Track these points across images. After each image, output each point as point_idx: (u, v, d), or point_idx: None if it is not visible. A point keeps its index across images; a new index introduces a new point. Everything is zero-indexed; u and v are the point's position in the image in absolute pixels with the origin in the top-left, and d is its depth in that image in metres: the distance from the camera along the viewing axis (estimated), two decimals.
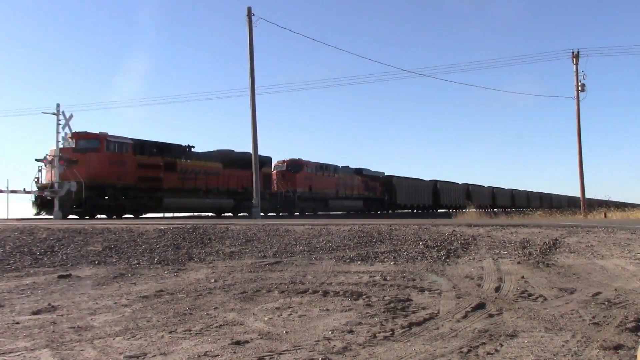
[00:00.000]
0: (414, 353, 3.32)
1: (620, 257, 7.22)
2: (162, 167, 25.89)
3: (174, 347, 3.55)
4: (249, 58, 23.56)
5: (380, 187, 43.14)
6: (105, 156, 23.22)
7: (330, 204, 36.13)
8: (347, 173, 39.63)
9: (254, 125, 23.82)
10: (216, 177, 28.71)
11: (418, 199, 47.30)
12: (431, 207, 49.48)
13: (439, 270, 6.61)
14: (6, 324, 4.34)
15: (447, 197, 51.83)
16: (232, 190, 29.36)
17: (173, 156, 26.68)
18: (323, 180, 36.21)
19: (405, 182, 45.91)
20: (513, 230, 10.07)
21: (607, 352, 3.28)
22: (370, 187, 41.91)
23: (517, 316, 4.25)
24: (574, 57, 28.16)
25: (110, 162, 23.33)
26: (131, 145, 24.64)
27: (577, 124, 28.02)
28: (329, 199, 36.05)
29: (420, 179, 49.48)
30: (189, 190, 27.13)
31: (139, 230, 11.30)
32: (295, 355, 3.31)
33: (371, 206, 41.85)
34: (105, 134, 23.61)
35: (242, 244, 9.51)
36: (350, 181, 39.41)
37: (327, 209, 36.07)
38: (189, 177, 27.15)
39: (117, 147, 23.92)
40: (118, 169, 23.57)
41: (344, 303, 4.87)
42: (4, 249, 9.46)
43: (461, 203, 52.74)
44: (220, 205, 29.38)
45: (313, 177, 35.21)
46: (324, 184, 36.20)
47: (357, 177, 40.46)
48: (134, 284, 6.31)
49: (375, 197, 42.38)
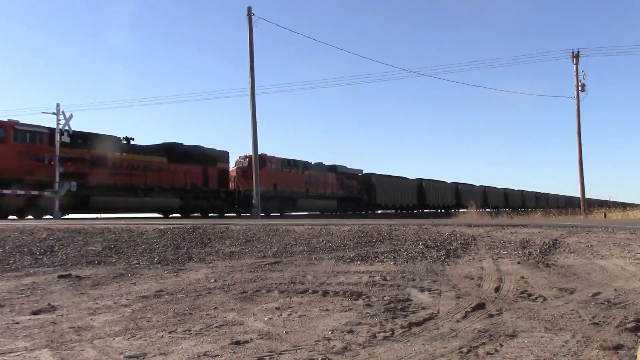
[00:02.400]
0: (414, 353, 3.32)
1: (620, 257, 7.22)
2: (89, 161, 22.88)
3: (173, 347, 3.55)
4: (249, 58, 23.58)
5: (357, 186, 40.46)
6: (12, 147, 20.33)
7: (298, 203, 33.25)
8: (320, 170, 36.81)
9: (254, 125, 23.83)
10: (159, 174, 25.50)
11: (401, 198, 44.86)
12: (416, 207, 47.20)
13: (438, 270, 6.61)
14: (6, 324, 4.34)
15: (434, 196, 49.71)
16: (178, 188, 26.34)
17: (104, 149, 23.47)
18: (291, 177, 33.33)
19: (387, 181, 43.37)
20: (513, 230, 10.07)
21: (607, 352, 3.27)
22: (347, 186, 39.20)
23: (517, 316, 4.25)
24: (574, 57, 28.19)
25: (19, 154, 20.49)
26: (47, 135, 21.72)
27: (577, 124, 28.06)
28: (297, 198, 33.25)
29: (403, 177, 47.05)
30: (123, 187, 23.97)
31: (139, 230, 11.30)
32: (295, 355, 3.30)
33: (347, 206, 39.09)
34: (15, 121, 21.07)
35: (242, 244, 9.51)
36: (323, 179, 36.62)
37: (295, 209, 33.34)
38: (124, 173, 24.05)
39: (29, 137, 21.09)
40: (29, 162, 20.75)
41: (344, 303, 4.87)
42: (3, 249, 9.46)
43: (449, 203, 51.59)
44: (163, 204, 26.27)
45: (278, 174, 32.27)
46: (292, 181, 33.31)
47: (331, 174, 37.80)
48: (133, 284, 6.31)
49: (352, 196, 39.67)
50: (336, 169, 38.48)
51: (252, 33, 23.44)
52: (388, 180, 43.61)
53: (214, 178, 28.56)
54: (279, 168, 32.55)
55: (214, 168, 28.61)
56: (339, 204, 38.13)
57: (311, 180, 35.38)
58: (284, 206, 32.46)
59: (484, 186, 60.10)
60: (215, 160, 28.65)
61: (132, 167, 24.54)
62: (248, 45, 23.48)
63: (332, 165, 38.45)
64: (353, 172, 40.42)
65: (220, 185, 28.74)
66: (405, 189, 45.83)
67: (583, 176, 28.18)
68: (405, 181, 46.57)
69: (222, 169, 29.44)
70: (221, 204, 28.67)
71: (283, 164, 33.11)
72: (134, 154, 24.88)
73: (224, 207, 28.99)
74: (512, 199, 64.56)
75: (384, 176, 43.46)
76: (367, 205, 41.17)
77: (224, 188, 29.21)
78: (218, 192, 28.54)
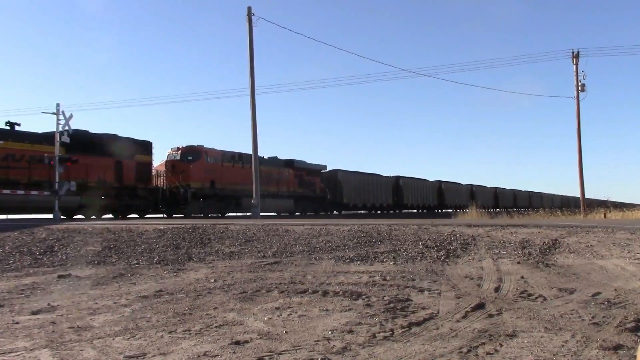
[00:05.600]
0: (414, 353, 3.32)
1: (619, 257, 7.22)
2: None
3: (173, 347, 3.55)
4: (249, 58, 23.57)
5: (320, 184, 35.75)
6: None
7: (244, 203, 27.66)
8: (272, 165, 31.67)
9: (254, 125, 23.81)
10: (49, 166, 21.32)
11: (373, 197, 40.42)
12: (391, 207, 42.85)
13: (438, 271, 6.61)
14: (6, 323, 4.34)
15: (413, 195, 45.16)
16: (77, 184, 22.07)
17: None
18: (234, 173, 28.45)
19: (356, 178, 38.89)
20: (512, 230, 10.07)
21: (607, 352, 3.28)
22: (306, 183, 34.33)
23: (516, 316, 4.25)
24: (574, 57, 28.17)
25: None
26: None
27: (577, 124, 28.05)
28: (242, 197, 27.95)
29: (377, 174, 42.55)
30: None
31: (139, 230, 11.30)
32: (294, 355, 3.30)
33: (306, 206, 33.98)
34: None
35: (241, 244, 9.51)
36: (276, 175, 31.60)
37: (239, 209, 28.61)
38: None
39: None
40: None
41: (344, 303, 4.87)
42: (3, 249, 9.46)
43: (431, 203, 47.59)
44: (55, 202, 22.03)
45: (217, 169, 27.71)
46: (236, 177, 28.36)
47: (287, 170, 32.99)
48: (133, 284, 6.31)
49: (314, 195, 34.89)
50: (293, 164, 33.64)
51: (252, 33, 23.47)
52: (358, 177, 39.35)
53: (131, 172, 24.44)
54: (218, 161, 27.94)
55: (130, 161, 24.41)
56: (297, 204, 33.25)
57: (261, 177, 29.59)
58: (225, 206, 28.25)
59: (471, 185, 55.67)
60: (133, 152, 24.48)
61: (12, 158, 20.52)
62: (248, 45, 23.51)
63: (289, 160, 33.77)
64: (315, 168, 35.84)
65: (138, 181, 24.53)
66: (379, 188, 41.49)
67: (583, 176, 28.21)
68: (379, 179, 42.17)
69: (142, 162, 25.09)
70: (139, 202, 24.58)
71: (224, 158, 28.55)
72: (14, 142, 20.78)
73: (143, 206, 24.92)
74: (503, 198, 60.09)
75: (353, 173, 39.31)
76: (332, 205, 36.82)
77: (142, 184, 24.84)
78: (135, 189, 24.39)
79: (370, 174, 41.58)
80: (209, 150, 27.76)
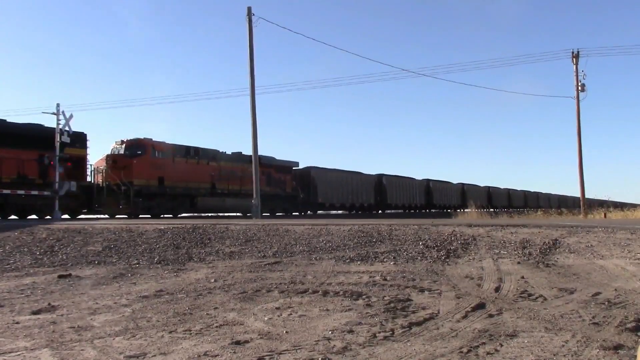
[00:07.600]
0: (414, 353, 3.32)
1: (620, 257, 7.22)
2: None
3: (173, 347, 3.55)
4: (249, 58, 23.56)
5: (292, 182, 32.79)
6: None
7: (199, 202, 25.93)
8: (235, 161, 28.76)
9: (254, 125, 23.83)
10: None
11: (353, 197, 37.85)
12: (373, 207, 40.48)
13: (438, 270, 6.61)
14: (6, 323, 4.35)
15: (397, 195, 42.65)
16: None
17: None
18: (188, 169, 25.80)
19: (332, 176, 36.14)
20: (513, 230, 10.07)
21: (607, 352, 3.28)
22: (275, 181, 31.16)
23: (517, 316, 4.25)
24: (574, 57, 28.17)
25: None
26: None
27: (577, 124, 28.04)
28: (197, 195, 25.94)
29: (357, 172, 40.05)
30: None
31: (139, 230, 11.30)
32: (295, 355, 3.31)
33: (275, 205, 30.97)
34: None
35: (242, 244, 9.51)
36: (239, 172, 28.44)
37: (194, 210, 26.29)
38: None
39: None
40: None
41: (344, 303, 4.87)
42: (4, 249, 9.46)
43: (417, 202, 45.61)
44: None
45: (168, 165, 24.70)
46: (190, 175, 25.77)
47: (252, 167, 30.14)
48: (133, 284, 6.32)
49: (283, 194, 31.82)
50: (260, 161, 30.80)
51: (252, 33, 23.46)
52: (335, 175, 36.61)
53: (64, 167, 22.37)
54: (168, 157, 24.90)
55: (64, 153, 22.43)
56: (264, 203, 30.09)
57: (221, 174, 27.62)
58: (178, 206, 25.52)
59: (462, 183, 53.98)
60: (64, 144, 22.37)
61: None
62: (248, 45, 23.51)
63: None
64: (285, 165, 32.60)
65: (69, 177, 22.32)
66: (360, 186, 39.12)
67: (583, 176, 28.20)
68: (360, 177, 39.74)
69: (76, 155, 22.98)
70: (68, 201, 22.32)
71: (176, 153, 25.56)
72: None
73: (73, 205, 22.69)
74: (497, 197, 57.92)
75: (329, 170, 36.67)
76: (305, 205, 34.05)
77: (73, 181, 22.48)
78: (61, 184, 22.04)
79: (350, 172, 39.06)
80: (157, 143, 24.78)
